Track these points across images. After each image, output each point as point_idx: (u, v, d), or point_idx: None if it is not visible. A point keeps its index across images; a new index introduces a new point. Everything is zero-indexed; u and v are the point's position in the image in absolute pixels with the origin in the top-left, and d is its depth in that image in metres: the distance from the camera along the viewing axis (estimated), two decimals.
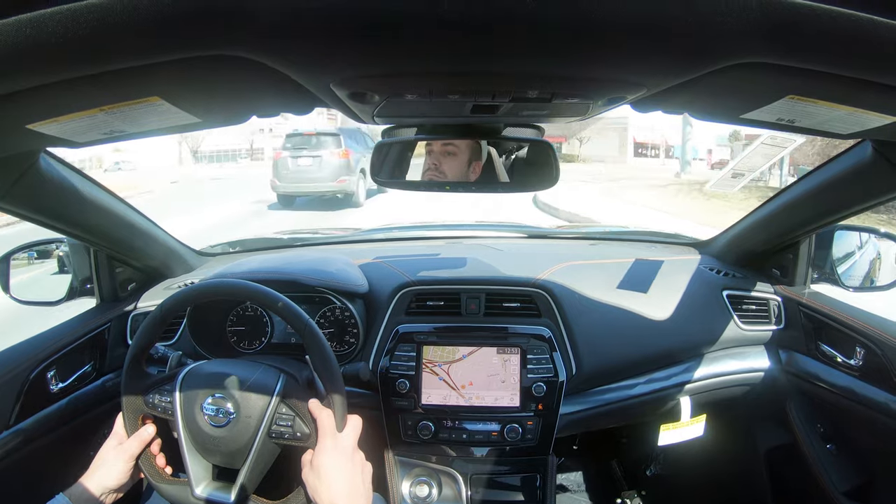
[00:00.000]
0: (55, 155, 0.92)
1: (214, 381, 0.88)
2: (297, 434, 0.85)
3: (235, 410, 0.85)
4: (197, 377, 0.89)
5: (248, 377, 0.88)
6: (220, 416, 0.85)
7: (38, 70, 0.46)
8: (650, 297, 1.28)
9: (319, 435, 0.82)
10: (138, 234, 1.24)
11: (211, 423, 0.85)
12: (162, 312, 0.91)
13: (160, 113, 0.62)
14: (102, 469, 0.87)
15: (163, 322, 0.92)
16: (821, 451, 1.23)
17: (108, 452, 0.88)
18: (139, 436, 0.89)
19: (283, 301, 0.89)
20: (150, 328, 0.92)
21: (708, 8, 0.40)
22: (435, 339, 1.18)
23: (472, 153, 0.99)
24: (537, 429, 1.16)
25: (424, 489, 1.20)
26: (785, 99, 0.58)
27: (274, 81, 0.54)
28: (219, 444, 0.85)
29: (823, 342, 1.21)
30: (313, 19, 0.42)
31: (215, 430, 0.85)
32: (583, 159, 32.00)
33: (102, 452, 0.89)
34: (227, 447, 0.85)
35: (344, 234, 1.76)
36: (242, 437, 0.84)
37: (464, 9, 0.40)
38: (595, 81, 0.58)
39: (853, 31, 0.40)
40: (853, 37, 0.41)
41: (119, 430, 0.91)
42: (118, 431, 0.91)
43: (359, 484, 0.81)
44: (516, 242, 1.70)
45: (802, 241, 1.26)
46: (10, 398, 0.99)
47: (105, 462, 0.87)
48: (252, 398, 0.86)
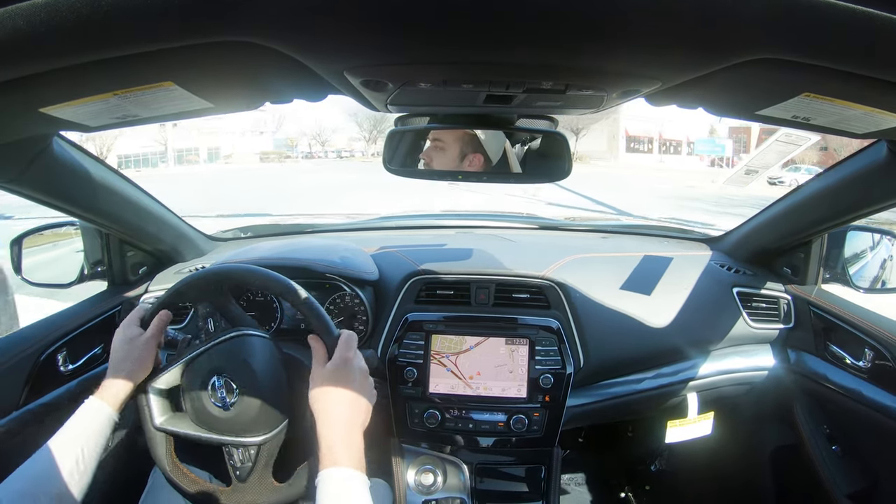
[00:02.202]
0: (68, 139, 0.93)
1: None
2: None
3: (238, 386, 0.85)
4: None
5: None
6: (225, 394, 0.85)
7: (51, 54, 0.46)
8: (660, 292, 1.27)
9: (313, 363, 0.81)
10: (150, 218, 1.25)
11: (216, 403, 0.85)
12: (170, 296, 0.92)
13: (173, 98, 0.62)
14: (130, 364, 0.83)
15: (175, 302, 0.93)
16: (826, 452, 1.23)
17: (134, 347, 0.84)
18: (161, 322, 0.87)
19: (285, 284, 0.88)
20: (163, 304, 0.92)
21: (724, 2, 0.40)
22: (444, 328, 1.18)
23: (464, 146, 0.98)
24: (543, 420, 1.16)
25: (430, 477, 1.20)
26: (800, 96, 0.58)
27: (287, 68, 0.54)
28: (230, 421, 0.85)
29: (832, 343, 1.21)
30: (327, 6, 0.42)
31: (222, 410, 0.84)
32: (580, 157, 29.13)
33: (127, 348, 0.84)
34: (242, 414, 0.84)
35: (355, 222, 1.76)
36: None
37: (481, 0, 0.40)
38: (610, 74, 0.58)
39: (872, 29, 0.40)
40: (872, 35, 0.41)
41: (133, 324, 0.87)
42: (132, 324, 0.87)
43: (354, 406, 0.78)
44: (527, 234, 1.70)
45: (815, 240, 1.26)
46: (21, 379, 1.00)
47: (131, 356, 0.84)
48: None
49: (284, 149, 39.15)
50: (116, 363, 0.84)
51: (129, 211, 1.17)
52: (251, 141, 37.39)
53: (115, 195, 1.10)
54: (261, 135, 38.75)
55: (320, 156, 39.40)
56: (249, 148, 34.15)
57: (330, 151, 40.09)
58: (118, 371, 0.83)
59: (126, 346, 0.85)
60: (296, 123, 40.40)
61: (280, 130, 39.65)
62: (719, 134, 30.51)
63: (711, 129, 31.29)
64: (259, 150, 35.64)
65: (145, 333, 0.86)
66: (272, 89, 0.68)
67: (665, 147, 32.64)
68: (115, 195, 1.10)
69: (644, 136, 32.75)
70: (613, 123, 30.69)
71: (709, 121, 32.27)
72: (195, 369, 0.87)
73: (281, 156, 33.35)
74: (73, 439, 0.77)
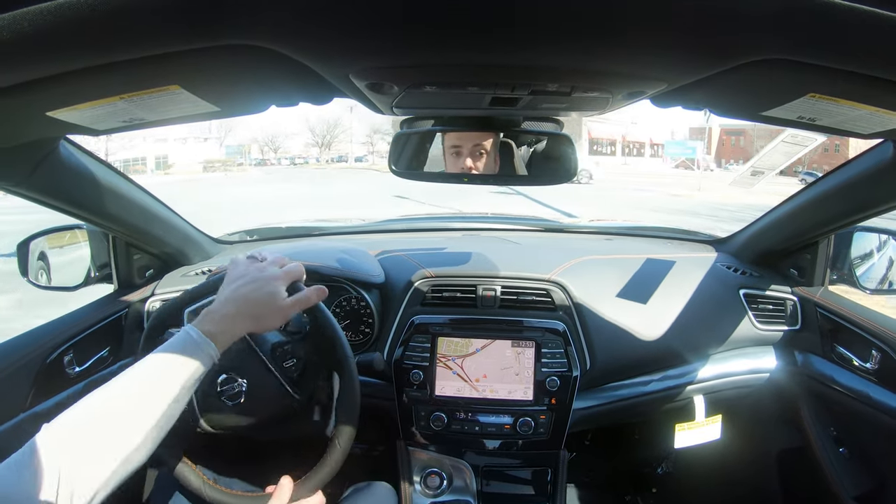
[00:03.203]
0: (75, 142, 0.93)
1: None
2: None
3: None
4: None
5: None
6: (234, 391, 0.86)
7: (57, 58, 0.47)
8: (666, 294, 1.27)
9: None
10: (156, 221, 1.25)
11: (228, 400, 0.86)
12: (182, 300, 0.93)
13: (180, 101, 0.62)
14: (263, 310, 0.76)
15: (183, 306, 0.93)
16: (833, 454, 1.23)
17: (276, 301, 0.77)
18: (317, 295, 0.82)
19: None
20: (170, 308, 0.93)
21: (729, 3, 0.40)
22: (450, 330, 1.18)
23: (494, 149, 1.00)
24: (550, 423, 1.16)
25: (436, 480, 1.20)
26: (806, 97, 0.58)
27: (293, 71, 0.54)
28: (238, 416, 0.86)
29: (839, 344, 1.20)
30: (332, 9, 0.42)
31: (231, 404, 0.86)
32: None
33: (266, 296, 0.76)
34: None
35: (361, 224, 1.76)
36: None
37: (485, 2, 0.40)
38: (616, 76, 0.58)
39: (877, 29, 0.40)
40: (877, 35, 0.41)
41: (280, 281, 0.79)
42: (278, 280, 0.79)
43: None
44: (533, 236, 1.70)
45: (821, 241, 1.25)
46: (27, 381, 1.01)
47: (269, 305, 0.76)
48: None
49: (237, 156, 36.93)
50: (245, 302, 0.74)
51: (136, 214, 1.17)
52: (194, 148, 34.35)
53: (122, 198, 1.11)
54: (205, 141, 36.03)
55: (273, 163, 37.63)
56: (193, 156, 31.21)
57: (283, 158, 38.45)
58: (243, 310, 0.74)
59: (266, 292, 0.76)
60: (247, 129, 38.43)
61: (229, 136, 37.32)
62: (677, 136, 30.53)
63: (672, 131, 31.32)
64: (203, 158, 32.47)
65: (295, 296, 0.79)
66: (278, 92, 0.68)
67: (629, 149, 32.48)
68: (121, 198, 1.11)
69: (607, 139, 32.56)
70: (577, 126, 29.78)
71: (670, 124, 32.37)
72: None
73: (227, 164, 30.78)
74: (174, 374, 0.66)
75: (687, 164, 29.31)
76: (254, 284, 0.76)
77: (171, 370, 0.66)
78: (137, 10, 0.40)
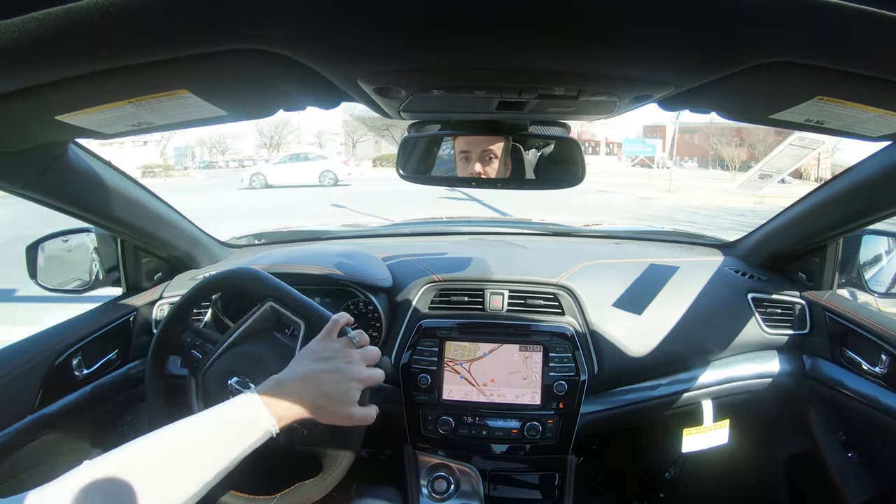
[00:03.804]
0: (83, 146, 0.94)
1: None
2: None
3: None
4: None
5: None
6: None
7: (66, 62, 0.47)
8: (674, 298, 1.27)
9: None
10: (164, 224, 1.26)
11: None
12: (186, 300, 0.94)
13: (188, 106, 0.62)
14: (334, 417, 0.71)
15: (191, 306, 0.95)
16: (842, 459, 1.22)
17: (346, 386, 0.72)
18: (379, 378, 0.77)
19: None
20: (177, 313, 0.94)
21: (736, 7, 0.40)
22: (457, 334, 1.18)
23: (505, 154, 1.00)
24: (557, 427, 1.15)
25: (443, 484, 1.20)
26: (814, 100, 0.58)
27: (301, 75, 0.54)
28: None
29: (848, 348, 1.20)
30: (340, 13, 0.42)
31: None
32: None
33: (340, 381, 0.72)
34: None
35: (368, 228, 1.77)
36: None
37: (492, 5, 0.40)
38: (623, 79, 0.58)
39: (885, 31, 0.40)
40: (885, 37, 0.41)
41: (360, 363, 0.75)
42: (360, 361, 0.75)
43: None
44: (540, 240, 1.70)
45: (830, 244, 1.25)
46: (35, 383, 1.01)
47: (337, 391, 0.71)
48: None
49: (186, 159, 35.32)
50: (319, 389, 0.70)
51: (144, 217, 1.18)
52: (132, 153, 31.42)
53: (130, 202, 1.11)
54: (144, 145, 33.49)
55: (221, 166, 35.64)
56: (132, 161, 28.38)
57: (232, 161, 36.44)
58: (313, 396, 0.70)
59: (343, 389, 0.72)
60: (193, 131, 35.16)
61: (177, 138, 35.14)
62: (631, 134, 30.53)
63: (626, 129, 31.44)
64: (142, 163, 29.68)
65: (363, 411, 0.74)
66: (285, 97, 0.69)
67: (584, 147, 32.46)
68: (129, 202, 1.11)
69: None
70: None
71: (625, 122, 32.29)
72: (213, 373, 0.89)
73: (169, 169, 28.79)
74: (226, 446, 0.62)
75: (646, 161, 29.45)
76: (335, 376, 0.72)
77: (225, 441, 0.62)
78: (145, 14, 0.40)
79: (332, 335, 0.77)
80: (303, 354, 0.75)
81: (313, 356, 0.74)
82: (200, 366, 0.92)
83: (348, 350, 0.76)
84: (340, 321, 0.79)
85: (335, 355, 0.74)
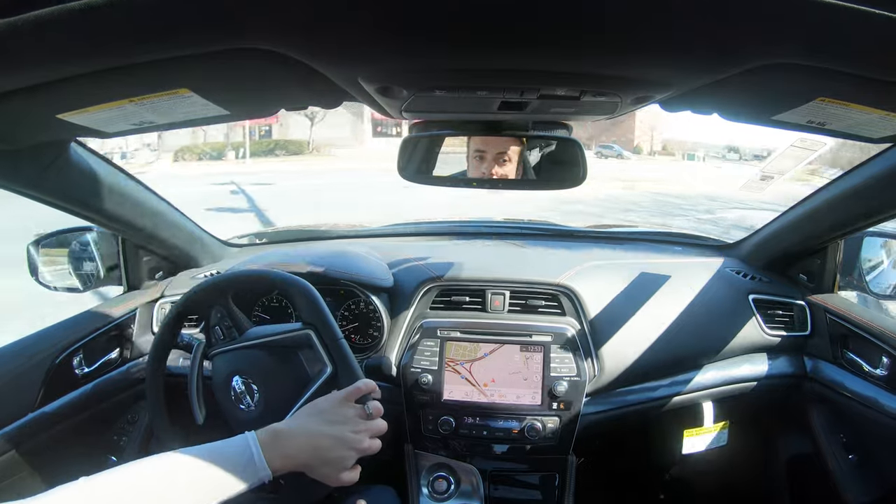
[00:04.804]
0: (85, 144, 0.94)
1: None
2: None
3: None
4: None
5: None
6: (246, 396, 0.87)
7: (67, 61, 0.47)
8: (675, 300, 1.27)
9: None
10: (165, 223, 1.26)
11: (240, 405, 0.87)
12: (185, 302, 0.94)
13: (189, 105, 0.63)
14: (325, 466, 0.73)
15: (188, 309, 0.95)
16: (842, 461, 1.22)
17: (341, 479, 0.74)
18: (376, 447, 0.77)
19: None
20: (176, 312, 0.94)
21: (737, 8, 0.40)
22: (458, 334, 1.18)
23: (519, 157, 1.01)
24: (558, 428, 1.15)
25: (443, 484, 1.20)
26: (815, 101, 0.58)
27: (302, 75, 0.54)
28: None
29: (849, 350, 1.20)
30: (341, 13, 0.42)
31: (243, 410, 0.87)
32: (316, 148, 22.81)
33: (343, 448, 0.73)
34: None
35: (370, 228, 1.77)
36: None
37: (494, 6, 0.40)
38: (624, 80, 0.58)
39: (887, 32, 0.40)
40: (887, 39, 0.41)
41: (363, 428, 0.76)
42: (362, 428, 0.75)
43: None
44: (541, 241, 1.70)
45: (831, 246, 1.25)
46: (36, 382, 1.01)
47: (337, 455, 0.73)
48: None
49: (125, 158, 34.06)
50: (317, 449, 0.72)
51: (145, 216, 1.18)
52: None
53: (131, 200, 1.12)
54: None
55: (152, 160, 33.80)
56: None
57: (164, 153, 34.27)
58: (310, 453, 0.71)
59: (338, 455, 0.73)
60: None
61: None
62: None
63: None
64: None
65: (349, 474, 0.75)
66: (287, 96, 0.69)
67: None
68: (130, 200, 1.11)
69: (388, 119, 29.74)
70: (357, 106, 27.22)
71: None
72: (222, 361, 0.90)
73: None
74: (219, 486, 0.64)
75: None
76: (335, 441, 0.73)
77: (220, 482, 0.64)
78: (146, 14, 0.40)
79: (350, 399, 0.78)
80: (313, 410, 0.76)
81: (323, 417, 0.75)
82: (216, 345, 0.92)
83: (358, 420, 0.76)
84: (364, 389, 0.79)
85: (345, 422, 0.75)
